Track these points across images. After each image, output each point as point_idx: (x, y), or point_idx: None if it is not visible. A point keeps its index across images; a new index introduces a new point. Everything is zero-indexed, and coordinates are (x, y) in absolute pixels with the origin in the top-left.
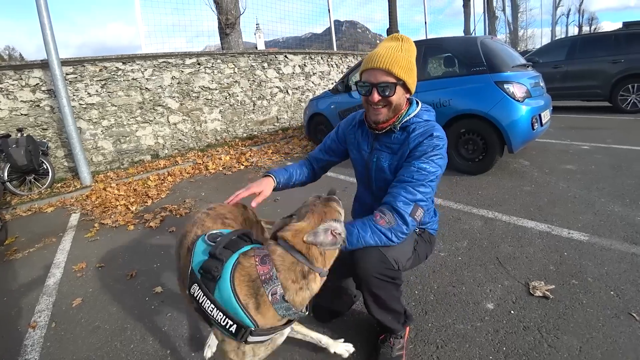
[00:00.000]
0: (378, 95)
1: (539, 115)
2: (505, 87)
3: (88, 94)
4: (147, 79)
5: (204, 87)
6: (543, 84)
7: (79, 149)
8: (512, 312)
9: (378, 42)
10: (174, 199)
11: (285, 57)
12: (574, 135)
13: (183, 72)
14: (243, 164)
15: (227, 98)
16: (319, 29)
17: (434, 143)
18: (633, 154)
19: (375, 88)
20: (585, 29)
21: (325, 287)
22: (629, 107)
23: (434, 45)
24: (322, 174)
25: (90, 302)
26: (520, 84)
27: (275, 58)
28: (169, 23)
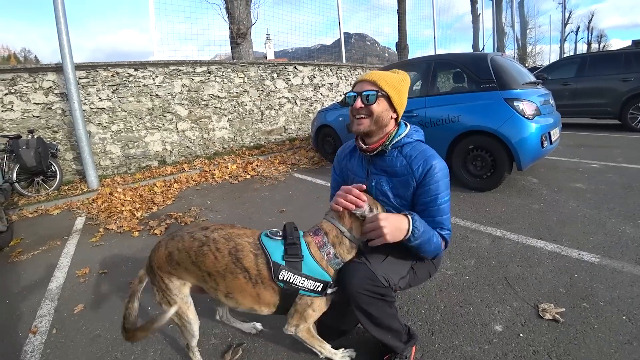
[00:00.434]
0: (360, 103)
1: (549, 133)
2: (515, 104)
3: (99, 99)
4: (157, 86)
5: (214, 95)
6: (553, 102)
7: (88, 153)
8: (521, 335)
9: (387, 55)
10: (180, 207)
11: (295, 68)
12: (584, 153)
13: (193, 80)
14: (249, 174)
15: (235, 107)
16: (329, 41)
17: (443, 179)
18: None
19: (360, 96)
20: (594, 47)
21: (332, 305)
22: (639, 125)
23: (444, 61)
24: None
25: (92, 309)
26: (530, 102)
27: (285, 69)
28: (182, 31)
